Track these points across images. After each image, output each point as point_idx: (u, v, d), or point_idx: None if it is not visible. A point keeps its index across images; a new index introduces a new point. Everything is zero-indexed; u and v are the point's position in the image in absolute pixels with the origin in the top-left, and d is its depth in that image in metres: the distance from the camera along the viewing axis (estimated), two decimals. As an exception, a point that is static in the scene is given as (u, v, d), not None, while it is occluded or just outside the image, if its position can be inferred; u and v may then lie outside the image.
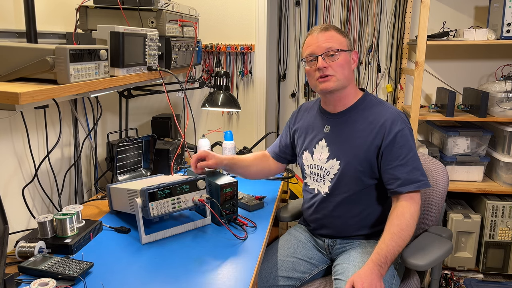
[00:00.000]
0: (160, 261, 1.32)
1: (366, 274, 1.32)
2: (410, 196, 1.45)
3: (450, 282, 2.52)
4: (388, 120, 1.50)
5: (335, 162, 1.56)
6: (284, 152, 1.82)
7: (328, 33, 1.52)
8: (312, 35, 1.54)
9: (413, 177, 1.46)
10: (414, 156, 1.48)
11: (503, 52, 2.78)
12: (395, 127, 1.48)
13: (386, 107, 1.56)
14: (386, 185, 1.50)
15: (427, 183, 1.48)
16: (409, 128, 1.51)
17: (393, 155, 1.47)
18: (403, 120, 1.51)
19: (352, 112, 1.58)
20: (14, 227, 1.49)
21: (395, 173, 1.47)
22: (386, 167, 1.49)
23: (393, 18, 2.88)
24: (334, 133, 1.59)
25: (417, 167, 1.48)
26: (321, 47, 1.50)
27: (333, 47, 1.50)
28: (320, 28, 1.54)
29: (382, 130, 1.49)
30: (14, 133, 1.53)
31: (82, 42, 1.67)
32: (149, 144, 1.99)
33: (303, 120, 1.73)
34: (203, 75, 2.50)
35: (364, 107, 1.57)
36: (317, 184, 1.64)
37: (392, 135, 1.48)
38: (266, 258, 1.65)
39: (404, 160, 1.46)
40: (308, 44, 1.55)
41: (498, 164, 2.60)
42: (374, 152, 1.50)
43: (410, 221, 1.41)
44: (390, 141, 1.48)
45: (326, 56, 1.50)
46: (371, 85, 2.98)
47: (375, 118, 1.53)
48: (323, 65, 1.49)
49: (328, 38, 1.51)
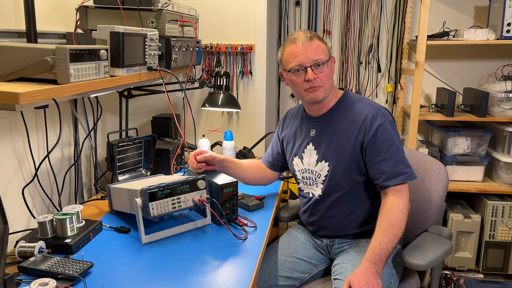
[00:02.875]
0: (160, 261, 1.32)
1: (362, 273, 1.32)
2: (397, 189, 1.46)
3: (450, 282, 2.52)
4: (369, 115, 1.51)
5: (324, 164, 1.58)
6: (277, 160, 1.83)
7: (313, 42, 1.50)
8: (297, 44, 1.50)
9: (397, 170, 1.46)
10: (397, 149, 1.49)
11: (503, 52, 2.77)
12: (376, 122, 1.50)
13: (366, 103, 1.57)
14: (373, 180, 1.51)
15: (413, 174, 1.49)
16: (390, 122, 1.52)
17: (376, 150, 1.49)
18: (383, 114, 1.52)
19: (334, 112, 1.59)
20: (14, 227, 1.49)
21: (380, 167, 1.48)
22: (371, 163, 1.50)
23: (393, 18, 2.88)
24: (320, 136, 1.60)
25: (401, 159, 1.49)
26: (309, 59, 1.49)
27: (321, 59, 1.50)
28: (305, 37, 1.50)
29: (363, 127, 1.51)
30: (14, 133, 1.53)
31: (82, 42, 1.67)
32: (149, 144, 1.99)
33: (290, 127, 1.75)
34: (203, 75, 2.50)
35: (345, 106, 1.59)
36: (310, 187, 1.65)
37: (373, 130, 1.49)
38: (266, 258, 1.65)
39: (387, 154, 1.47)
40: (294, 54, 1.51)
41: (498, 164, 2.60)
42: (359, 148, 1.52)
43: (400, 215, 1.42)
44: (371, 137, 1.49)
45: (315, 67, 1.49)
46: (371, 85, 2.98)
47: (356, 116, 1.54)
48: (313, 77, 1.49)
49: (315, 48, 1.50)
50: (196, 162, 1.63)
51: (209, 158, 1.64)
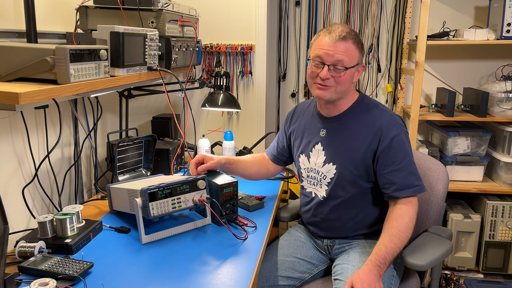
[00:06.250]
0: (160, 261, 1.32)
1: (365, 274, 1.32)
2: (408, 199, 1.46)
3: (450, 282, 2.52)
4: (384, 124, 1.49)
5: (331, 166, 1.56)
6: (282, 154, 1.81)
7: (345, 44, 1.43)
8: (328, 38, 1.44)
9: (408, 182, 1.46)
10: (409, 161, 1.48)
11: (503, 52, 2.77)
12: (391, 131, 1.47)
13: (382, 111, 1.54)
14: (382, 189, 1.50)
15: (423, 187, 1.48)
16: (405, 132, 1.50)
17: (389, 160, 1.47)
18: (399, 124, 1.50)
19: (348, 116, 1.56)
20: (14, 227, 1.49)
21: (391, 178, 1.47)
22: (382, 172, 1.48)
23: (393, 18, 2.88)
24: (330, 137, 1.58)
25: (413, 171, 1.48)
26: (331, 57, 1.43)
27: (343, 62, 1.43)
28: (340, 35, 1.43)
29: (378, 134, 1.48)
30: (14, 133, 1.53)
31: (82, 42, 1.67)
32: (149, 144, 1.99)
33: (299, 121, 1.72)
34: (203, 75, 2.50)
35: (360, 111, 1.55)
36: (314, 187, 1.64)
37: (388, 140, 1.47)
38: (266, 258, 1.65)
39: (400, 165, 1.46)
40: (320, 45, 1.45)
41: (498, 164, 2.60)
42: (370, 156, 1.49)
43: (409, 224, 1.42)
44: (386, 146, 1.47)
45: (333, 68, 1.44)
46: (371, 85, 2.99)
47: (370, 122, 1.51)
48: (326, 77, 1.44)
49: (343, 50, 1.43)
50: (197, 172, 1.61)
51: (210, 167, 1.63)
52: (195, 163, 1.63)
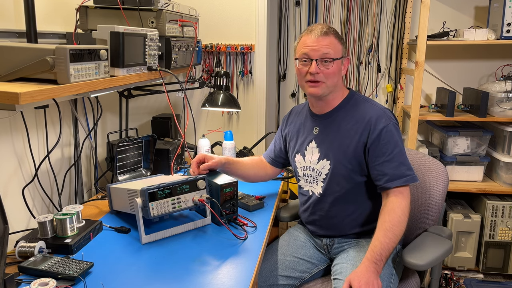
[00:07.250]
0: (160, 261, 1.32)
1: (362, 272, 1.33)
2: (399, 191, 1.46)
3: (450, 282, 2.52)
4: (373, 117, 1.51)
5: (325, 162, 1.58)
6: (280, 156, 1.83)
7: (327, 38, 1.50)
8: (311, 35, 1.51)
9: (399, 172, 1.47)
10: (400, 152, 1.50)
11: (503, 52, 2.77)
12: (380, 123, 1.50)
13: (371, 104, 1.57)
14: (375, 181, 1.52)
15: (414, 177, 1.49)
16: (394, 124, 1.52)
17: (379, 151, 1.49)
18: (388, 116, 1.53)
19: (339, 112, 1.59)
20: (14, 227, 1.49)
21: (382, 169, 1.48)
22: (373, 164, 1.50)
23: (393, 18, 2.88)
24: (323, 134, 1.61)
25: (403, 162, 1.49)
26: (317, 52, 1.49)
27: (329, 55, 1.49)
28: (321, 31, 1.51)
29: (367, 127, 1.51)
30: (14, 133, 1.53)
31: (82, 42, 1.67)
32: (149, 144, 1.99)
33: (293, 123, 1.75)
34: (203, 75, 2.50)
35: (350, 106, 1.59)
36: (311, 185, 1.65)
37: (377, 131, 1.49)
38: (266, 258, 1.65)
39: (390, 156, 1.48)
40: (305, 43, 1.52)
41: (498, 164, 2.60)
42: (361, 149, 1.52)
43: (401, 217, 1.42)
44: (375, 138, 1.49)
45: (321, 62, 1.50)
46: (371, 85, 2.99)
47: (360, 116, 1.54)
48: (315, 71, 1.49)
49: (327, 44, 1.50)
50: (198, 171, 1.62)
51: (212, 166, 1.64)
52: (196, 162, 1.64)
